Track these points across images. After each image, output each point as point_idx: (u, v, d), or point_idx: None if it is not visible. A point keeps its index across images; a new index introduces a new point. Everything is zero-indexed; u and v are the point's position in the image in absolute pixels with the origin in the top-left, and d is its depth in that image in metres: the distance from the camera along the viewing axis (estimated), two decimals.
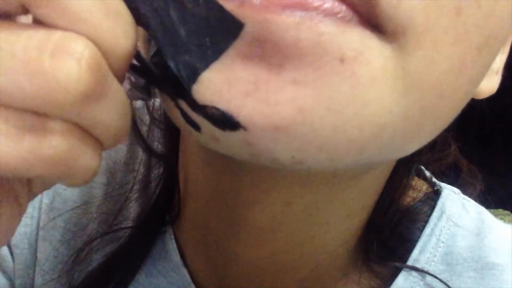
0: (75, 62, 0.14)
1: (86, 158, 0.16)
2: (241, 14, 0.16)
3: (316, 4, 0.15)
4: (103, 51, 0.15)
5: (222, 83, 0.16)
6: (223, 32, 0.16)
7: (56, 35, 0.14)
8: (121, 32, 0.15)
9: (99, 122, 0.16)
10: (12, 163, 0.15)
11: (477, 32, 0.17)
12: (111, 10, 0.15)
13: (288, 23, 0.15)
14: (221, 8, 0.16)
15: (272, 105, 0.16)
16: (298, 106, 0.16)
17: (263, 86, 0.16)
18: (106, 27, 0.15)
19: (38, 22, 0.15)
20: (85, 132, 0.16)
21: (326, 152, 0.18)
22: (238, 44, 0.16)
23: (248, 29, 0.16)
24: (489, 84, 0.25)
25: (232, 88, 0.16)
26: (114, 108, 0.16)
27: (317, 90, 0.16)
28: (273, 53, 0.16)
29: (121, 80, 0.17)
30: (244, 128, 0.17)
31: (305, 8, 0.15)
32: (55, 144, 0.15)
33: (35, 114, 0.15)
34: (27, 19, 0.15)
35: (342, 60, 0.16)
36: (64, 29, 0.14)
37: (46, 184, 0.20)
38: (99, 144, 0.17)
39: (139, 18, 0.16)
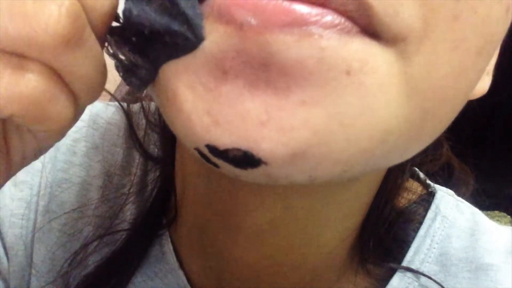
0: (56, 7, 0.15)
1: (60, 104, 0.17)
2: (242, 37, 0.16)
3: (314, 19, 0.15)
4: (83, 5, 0.16)
5: (237, 120, 0.16)
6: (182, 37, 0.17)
7: None
8: None
9: (74, 71, 0.17)
10: None
11: (475, 37, 0.18)
12: None
13: (289, 41, 0.15)
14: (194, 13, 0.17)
15: (287, 131, 0.16)
16: (311, 128, 0.16)
17: (275, 113, 0.16)
18: None
19: None
20: (60, 79, 0.17)
21: (340, 166, 0.18)
22: (242, 72, 0.16)
23: (251, 54, 0.16)
24: (481, 85, 0.25)
25: (246, 122, 0.16)
26: (89, 60, 0.17)
27: (327, 107, 0.16)
28: (278, 76, 0.16)
29: (100, 40, 0.18)
30: (265, 163, 0.17)
31: (304, 23, 0.15)
32: (31, 84, 0.16)
33: (15, 55, 0.16)
34: None
35: (348, 73, 0.16)
36: None
37: (25, 155, 0.21)
38: (73, 95, 0.18)
39: None
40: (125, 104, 0.39)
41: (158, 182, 0.35)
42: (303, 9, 0.15)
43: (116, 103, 0.39)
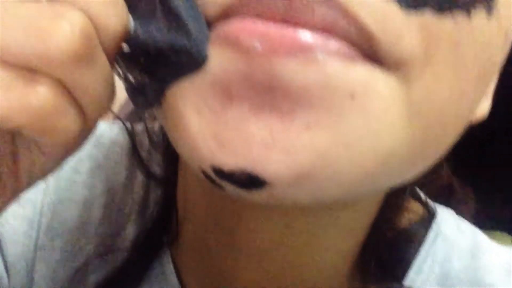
0: (69, 26, 0.16)
1: (68, 118, 0.17)
2: (249, 62, 0.16)
3: (319, 45, 0.16)
4: (96, 27, 0.17)
5: (242, 142, 0.17)
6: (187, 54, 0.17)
7: (57, 5, 0.16)
8: (113, 13, 0.17)
9: (83, 87, 0.17)
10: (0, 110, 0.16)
11: (475, 63, 0.18)
12: None
13: (294, 66, 0.16)
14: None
15: (292, 153, 0.17)
16: (316, 151, 0.17)
17: (280, 136, 0.17)
18: (100, 6, 0.17)
19: None
20: (70, 94, 0.17)
21: (345, 187, 0.18)
22: (248, 96, 0.17)
23: (257, 78, 0.16)
24: (481, 109, 0.25)
25: (251, 145, 0.17)
26: (98, 78, 0.17)
27: (332, 130, 0.17)
28: (283, 100, 0.16)
29: (110, 60, 0.18)
30: (270, 185, 0.17)
31: (309, 50, 0.16)
32: (41, 97, 0.16)
33: (27, 69, 0.16)
34: None
35: (352, 97, 0.16)
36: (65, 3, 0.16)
37: (33, 173, 0.21)
38: (81, 111, 0.18)
39: (128, 5, 0.18)
40: (129, 124, 0.39)
41: (160, 201, 0.35)
42: (308, 36, 0.16)
43: (120, 123, 0.39)
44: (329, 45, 0.16)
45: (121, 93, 0.21)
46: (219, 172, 0.18)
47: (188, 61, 0.18)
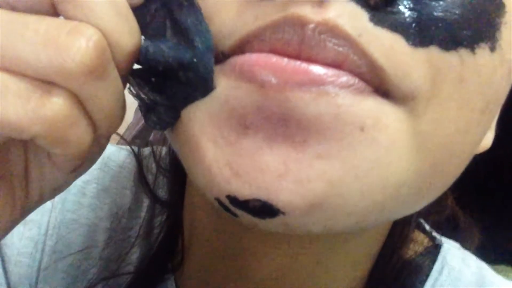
0: (84, 41, 0.17)
1: (80, 129, 0.18)
2: (264, 94, 0.17)
3: (330, 79, 0.17)
4: (109, 43, 0.17)
5: (256, 172, 0.18)
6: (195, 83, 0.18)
7: (74, 22, 0.17)
8: (126, 31, 0.18)
9: (95, 100, 0.18)
10: (17, 119, 0.17)
11: (479, 98, 0.19)
12: (121, 13, 0.18)
13: (307, 99, 0.17)
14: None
15: (305, 183, 0.17)
16: (327, 180, 0.17)
17: (293, 165, 0.17)
18: (114, 24, 0.17)
19: None
20: (83, 107, 0.18)
21: (355, 217, 0.19)
22: (262, 127, 0.17)
23: (272, 110, 0.17)
24: (484, 140, 0.26)
25: (265, 174, 0.17)
26: (110, 93, 0.18)
27: (343, 160, 0.17)
28: (296, 131, 0.17)
29: (122, 78, 0.19)
30: (283, 214, 0.18)
31: (321, 83, 0.17)
32: (55, 107, 0.17)
33: (44, 81, 0.17)
34: None
35: (362, 129, 0.17)
36: (81, 21, 0.17)
37: (43, 191, 0.21)
38: (93, 124, 0.19)
39: (140, 25, 0.19)
40: (136, 148, 0.39)
41: (165, 226, 0.35)
42: (320, 70, 0.17)
43: (128, 147, 0.39)
44: (340, 79, 0.17)
45: (127, 116, 0.21)
46: (233, 200, 0.18)
47: (195, 79, 0.18)
